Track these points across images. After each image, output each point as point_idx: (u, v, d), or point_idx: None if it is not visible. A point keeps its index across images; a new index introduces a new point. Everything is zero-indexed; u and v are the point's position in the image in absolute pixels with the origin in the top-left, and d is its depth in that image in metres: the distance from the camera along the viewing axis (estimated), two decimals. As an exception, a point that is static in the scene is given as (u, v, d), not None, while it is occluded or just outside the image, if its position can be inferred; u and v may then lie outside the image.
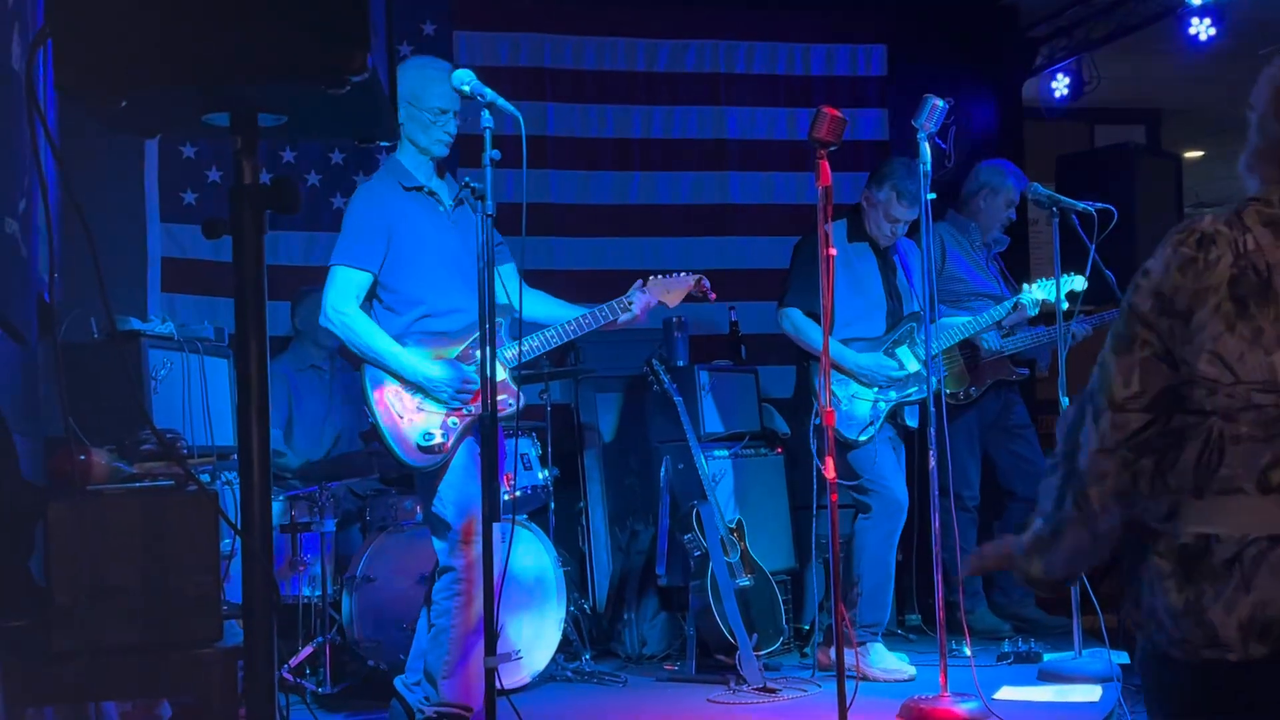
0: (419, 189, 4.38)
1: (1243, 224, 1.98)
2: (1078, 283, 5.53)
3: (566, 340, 4.51)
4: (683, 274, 4.70)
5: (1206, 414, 1.95)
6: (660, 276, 4.67)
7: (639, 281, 4.61)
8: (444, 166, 4.51)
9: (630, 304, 4.52)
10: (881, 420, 5.54)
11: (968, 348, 6.25)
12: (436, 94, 4.26)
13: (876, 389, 5.54)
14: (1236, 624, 1.89)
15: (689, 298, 4.72)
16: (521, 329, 4.35)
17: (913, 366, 5.53)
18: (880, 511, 5.50)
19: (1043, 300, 5.64)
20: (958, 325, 5.75)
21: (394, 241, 4.30)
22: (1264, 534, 1.90)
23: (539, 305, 4.52)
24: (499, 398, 4.26)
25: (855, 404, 5.52)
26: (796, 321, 5.61)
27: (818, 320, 5.43)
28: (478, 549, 4.22)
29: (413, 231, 4.33)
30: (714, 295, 4.75)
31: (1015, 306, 5.71)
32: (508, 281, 4.30)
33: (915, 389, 5.52)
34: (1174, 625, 1.95)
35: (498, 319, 4.33)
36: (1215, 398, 1.94)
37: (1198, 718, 1.98)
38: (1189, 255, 1.98)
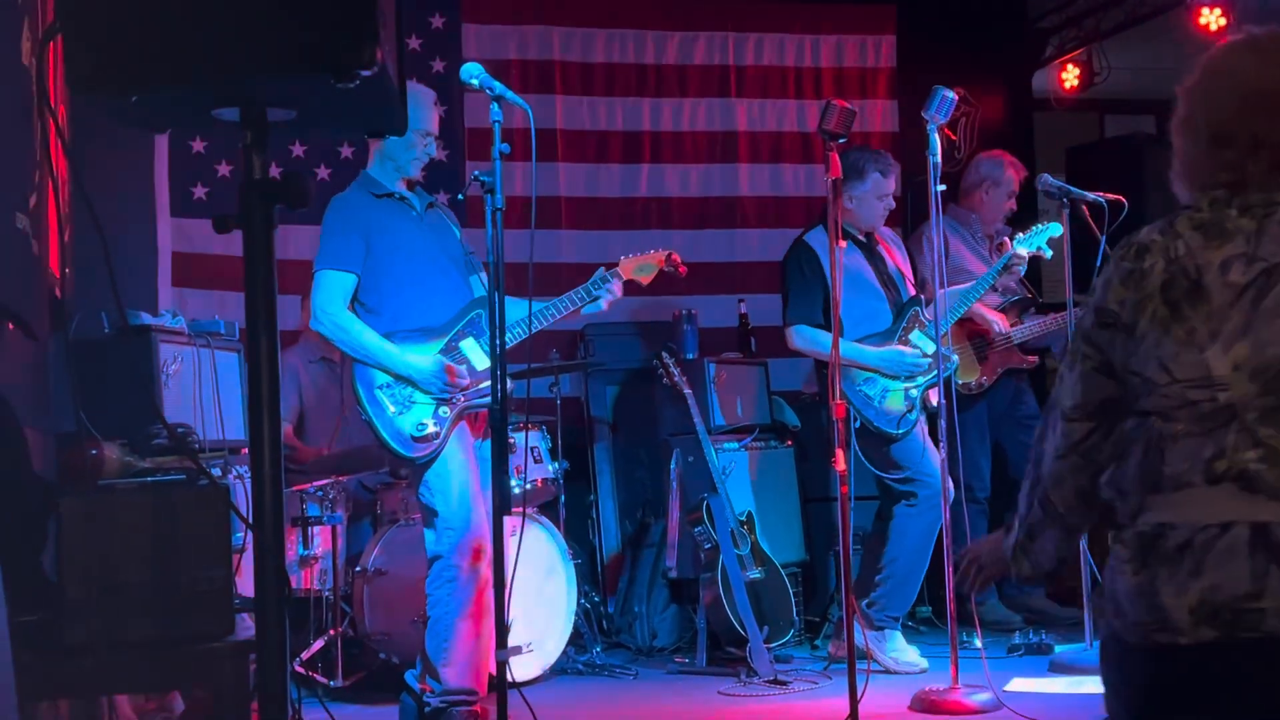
0: (389, 195, 4.54)
1: (1175, 231, 2.06)
2: (1054, 229, 5.57)
3: (537, 329, 4.55)
4: (653, 250, 4.78)
5: (1147, 415, 2.04)
6: (630, 256, 4.73)
7: (600, 270, 4.65)
8: (412, 181, 4.63)
9: (603, 287, 4.59)
10: (918, 406, 5.49)
11: (976, 338, 6.25)
12: (423, 117, 4.46)
13: (902, 380, 5.50)
14: (1187, 608, 1.94)
15: (661, 275, 4.77)
16: (543, 330, 4.41)
17: (930, 349, 5.49)
18: (925, 501, 5.41)
19: (1029, 252, 5.59)
20: (958, 295, 5.70)
21: (371, 244, 4.45)
22: (1214, 521, 1.96)
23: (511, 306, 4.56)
24: (481, 386, 4.34)
25: (889, 398, 5.47)
26: (807, 334, 5.53)
27: (824, 328, 5.44)
28: (466, 536, 4.31)
29: (387, 234, 4.47)
30: (684, 269, 4.82)
31: (1006, 267, 5.65)
32: (478, 291, 4.56)
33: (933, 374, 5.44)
34: (1130, 608, 2.00)
35: (478, 310, 4.43)
36: (1153, 398, 2.02)
37: (1151, 703, 2.02)
38: (1129, 268, 2.07)
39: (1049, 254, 5.59)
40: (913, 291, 5.72)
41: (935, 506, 5.41)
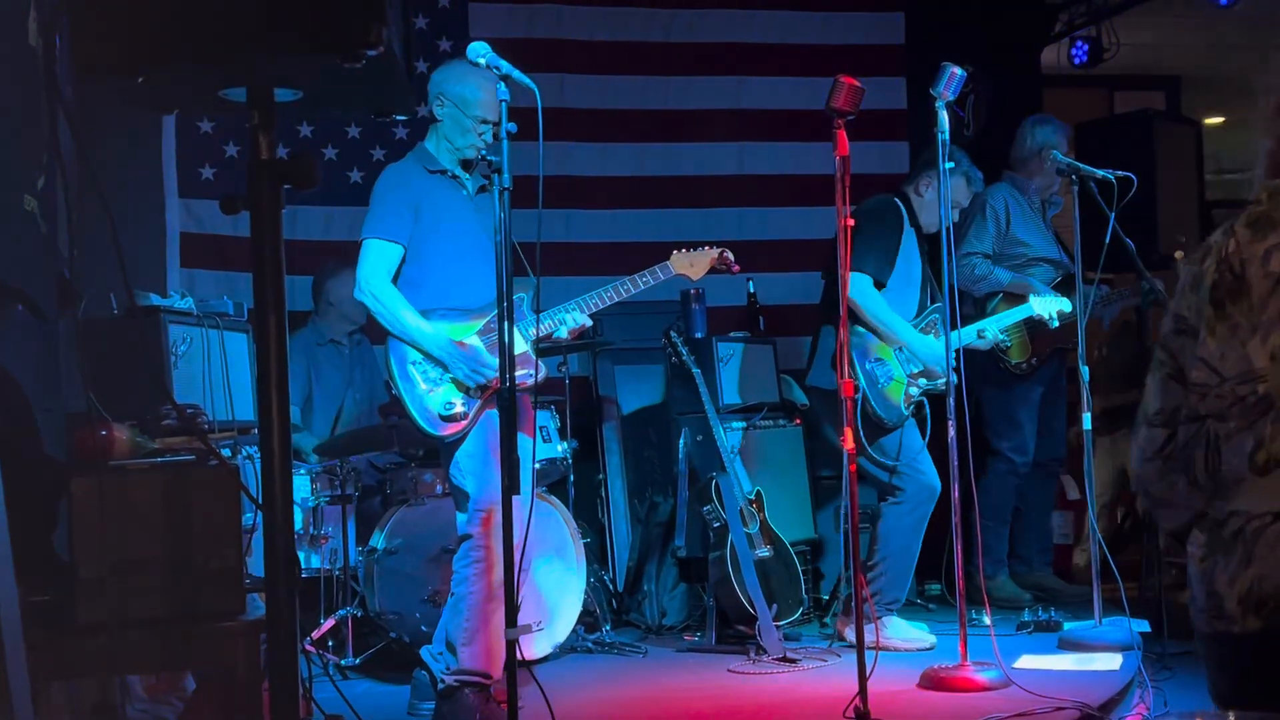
0: (443, 172, 4.49)
1: (1231, 229, 2.04)
2: (1064, 304, 5.74)
3: (591, 312, 4.55)
4: (706, 247, 4.77)
5: (1202, 419, 2.03)
6: (684, 250, 4.73)
7: (670, 263, 4.68)
8: (469, 161, 4.56)
9: (659, 274, 4.62)
10: (909, 407, 5.45)
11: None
12: (485, 105, 4.37)
13: (908, 376, 5.47)
14: (1237, 597, 1.95)
15: (713, 270, 4.77)
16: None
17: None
18: (912, 496, 5.39)
19: (1049, 316, 5.69)
20: (969, 332, 5.62)
21: (419, 218, 4.40)
22: (1265, 510, 1.96)
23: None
24: (519, 372, 4.31)
25: (891, 386, 5.45)
26: (868, 290, 5.41)
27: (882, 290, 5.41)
28: (495, 519, 4.27)
29: (436, 210, 4.43)
30: (737, 268, 4.84)
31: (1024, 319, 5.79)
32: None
33: (943, 379, 5.39)
34: (1196, 594, 2.02)
35: (519, 293, 4.39)
36: (1206, 401, 2.01)
37: (1225, 687, 2.02)
38: (1195, 271, 2.05)
39: (1055, 323, 5.73)
40: (937, 299, 5.69)
41: (923, 503, 5.42)
